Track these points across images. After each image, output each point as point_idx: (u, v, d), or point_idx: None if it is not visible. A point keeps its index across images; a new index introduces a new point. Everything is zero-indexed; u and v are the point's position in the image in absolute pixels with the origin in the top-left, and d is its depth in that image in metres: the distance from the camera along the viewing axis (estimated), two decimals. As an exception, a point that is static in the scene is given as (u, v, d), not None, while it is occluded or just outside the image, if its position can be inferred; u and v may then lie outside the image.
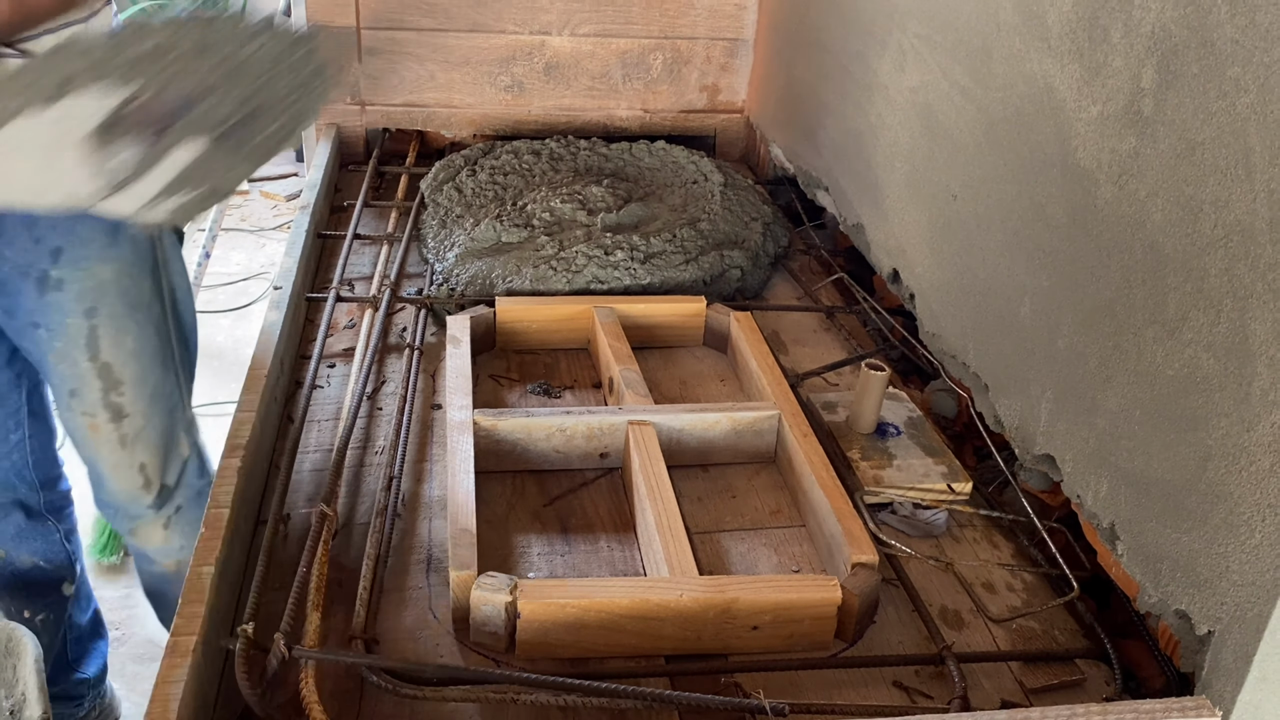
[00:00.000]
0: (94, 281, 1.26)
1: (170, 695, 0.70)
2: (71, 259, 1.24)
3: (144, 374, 1.34)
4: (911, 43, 1.22)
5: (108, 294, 1.27)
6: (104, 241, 1.25)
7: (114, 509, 1.44)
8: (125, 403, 1.33)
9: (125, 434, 1.35)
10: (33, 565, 1.51)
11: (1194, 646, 0.78)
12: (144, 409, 1.35)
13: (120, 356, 1.31)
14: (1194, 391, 0.77)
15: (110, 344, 1.29)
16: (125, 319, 1.30)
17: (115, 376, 1.31)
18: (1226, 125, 0.73)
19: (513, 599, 0.82)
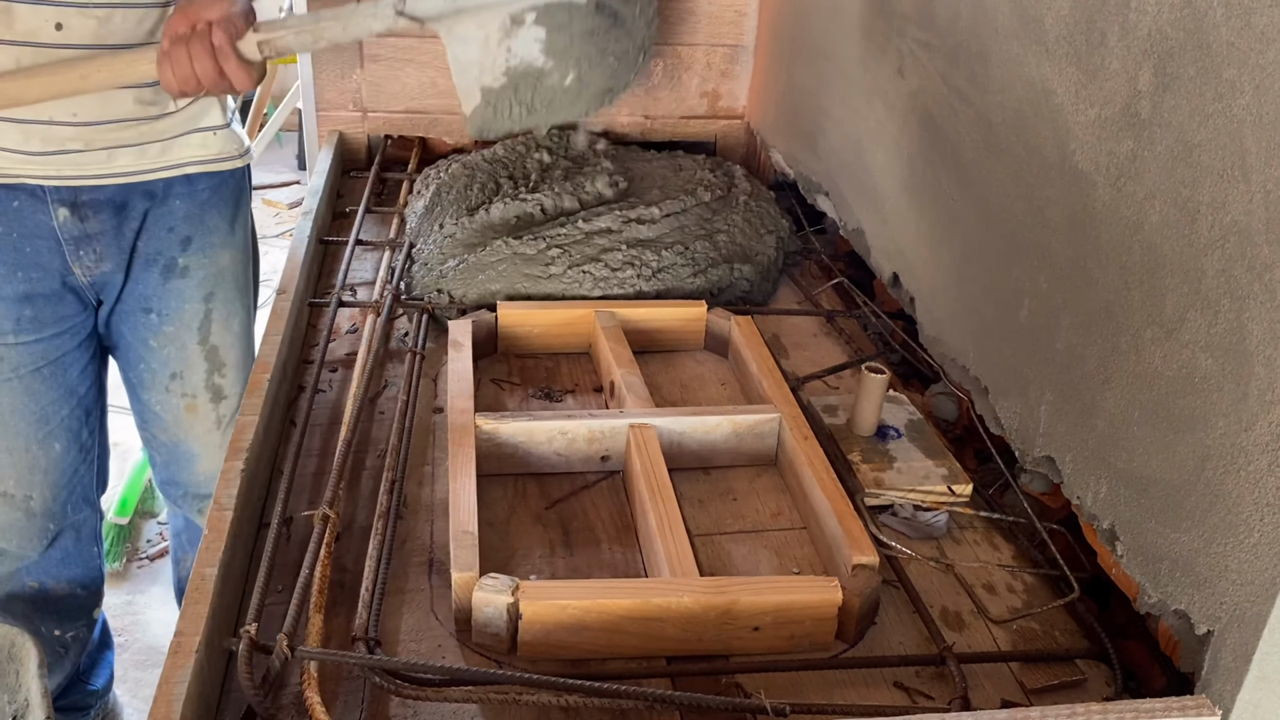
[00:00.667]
0: (215, 268, 1.34)
1: (174, 696, 0.70)
2: (199, 246, 1.31)
3: (243, 357, 1.41)
4: (910, 47, 1.23)
5: (225, 279, 1.35)
6: (226, 229, 1.33)
7: (188, 490, 1.46)
8: (226, 384, 1.39)
9: (222, 415, 1.40)
10: (69, 592, 1.47)
11: (1194, 646, 0.78)
12: (239, 390, 1.40)
13: (227, 339, 1.37)
14: (1192, 392, 0.77)
15: (220, 327, 1.36)
16: (235, 303, 1.37)
17: (220, 358, 1.37)
18: (1223, 127, 0.74)
19: (514, 600, 0.82)
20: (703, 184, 1.54)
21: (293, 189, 4.24)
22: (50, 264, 1.26)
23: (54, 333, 1.29)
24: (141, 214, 1.29)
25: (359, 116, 1.84)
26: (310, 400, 1.13)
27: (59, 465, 1.35)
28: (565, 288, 1.34)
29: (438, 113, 1.85)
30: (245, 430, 0.98)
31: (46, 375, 1.30)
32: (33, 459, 1.32)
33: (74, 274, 1.27)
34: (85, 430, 1.38)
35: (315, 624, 0.83)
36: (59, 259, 1.26)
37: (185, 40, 1.02)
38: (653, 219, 1.43)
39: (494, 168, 1.61)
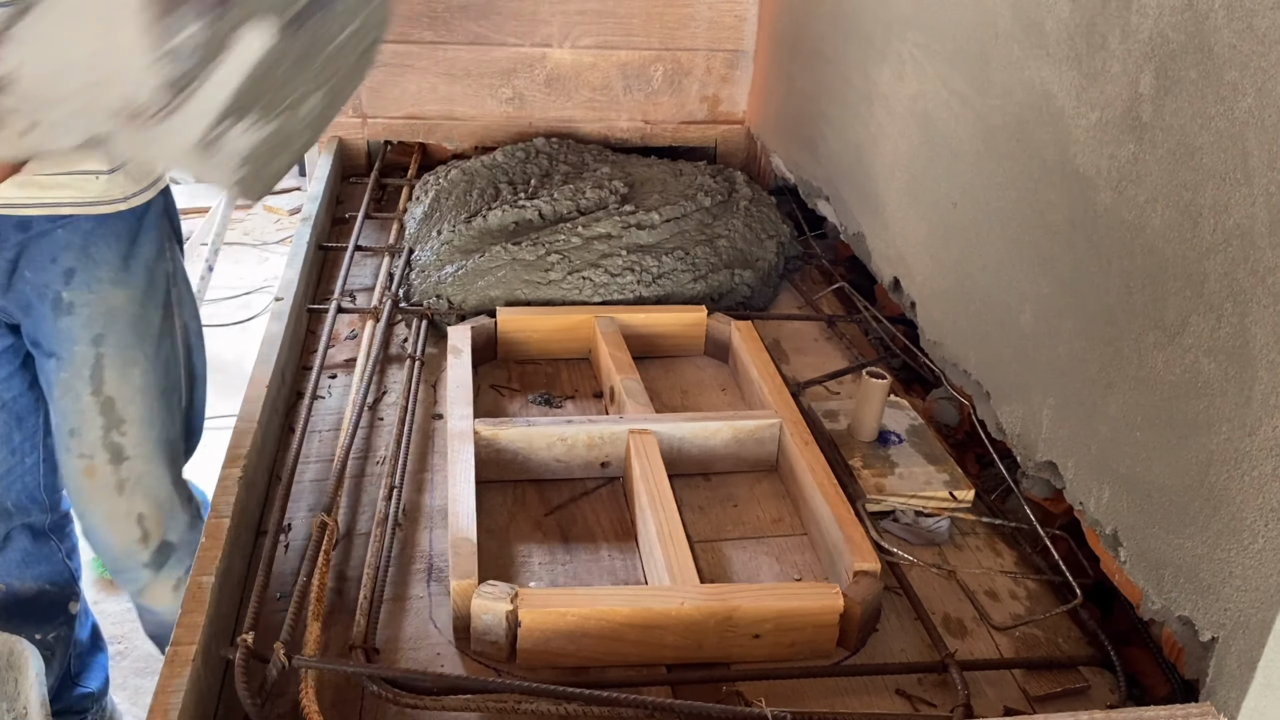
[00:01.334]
0: (104, 307, 1.22)
1: (170, 705, 0.70)
2: (83, 281, 1.21)
3: (149, 414, 1.27)
4: (910, 52, 1.23)
5: (117, 321, 1.23)
6: (117, 265, 1.22)
7: (115, 570, 1.36)
8: (127, 444, 1.26)
9: (124, 479, 1.27)
10: (38, 590, 1.47)
11: (1198, 653, 0.77)
12: (147, 453, 1.27)
13: (125, 391, 1.25)
14: (1195, 397, 0.77)
15: (115, 376, 1.24)
16: (133, 350, 1.25)
17: (118, 413, 1.25)
18: (1225, 130, 0.73)
19: (513, 608, 0.82)
20: (703, 189, 1.54)
21: (293, 195, 4.25)
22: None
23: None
24: (17, 244, 1.21)
25: (359, 122, 1.84)
26: (309, 406, 1.13)
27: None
28: (565, 293, 1.33)
29: (438, 119, 1.85)
30: (242, 437, 0.98)
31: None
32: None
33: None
34: (18, 435, 1.36)
35: (313, 632, 0.82)
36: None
37: None
38: (653, 224, 1.43)
39: (493, 173, 1.61)
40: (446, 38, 1.78)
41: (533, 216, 1.46)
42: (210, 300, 3.28)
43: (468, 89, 1.83)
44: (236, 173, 0.85)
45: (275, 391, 1.09)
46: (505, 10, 1.77)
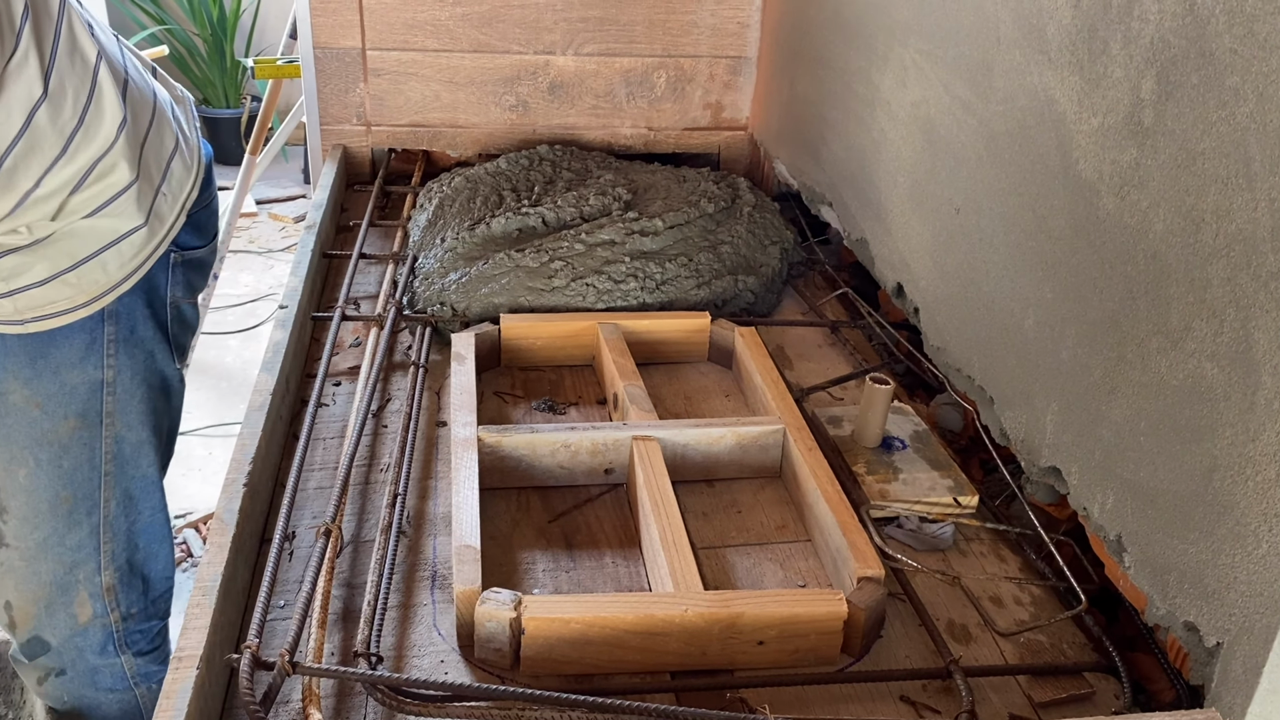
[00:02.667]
0: (2, 398, 1.15)
1: (174, 712, 0.70)
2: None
3: (34, 516, 1.20)
4: (913, 58, 1.23)
5: (9, 416, 1.16)
6: (23, 360, 1.14)
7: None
8: (7, 531, 1.21)
9: (1, 562, 1.22)
10: None
11: (1203, 658, 0.77)
12: (27, 551, 1.21)
13: (9, 485, 1.19)
14: (1198, 402, 0.76)
15: (1, 468, 1.18)
16: (21, 450, 1.17)
17: (2, 501, 1.19)
18: (1227, 135, 0.73)
19: (517, 615, 0.82)
20: (706, 195, 1.54)
21: (298, 203, 4.26)
22: None
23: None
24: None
25: (363, 130, 1.84)
26: (313, 414, 1.13)
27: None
28: (568, 300, 1.34)
29: (441, 126, 1.86)
30: (247, 445, 0.98)
31: None
32: None
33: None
34: None
35: (317, 639, 0.82)
36: None
37: None
38: (656, 231, 1.43)
39: (497, 181, 1.61)
40: (450, 45, 1.79)
41: (536, 224, 1.46)
42: (215, 307, 3.29)
43: (471, 96, 1.84)
44: None
45: (279, 399, 1.09)
46: (508, 18, 1.78)
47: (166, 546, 1.33)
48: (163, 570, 1.33)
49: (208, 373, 3.01)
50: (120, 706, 1.34)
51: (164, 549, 1.32)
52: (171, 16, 4.43)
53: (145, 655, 1.34)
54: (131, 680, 1.33)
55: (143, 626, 1.32)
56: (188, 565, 2.29)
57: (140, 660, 1.33)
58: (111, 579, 1.26)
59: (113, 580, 1.26)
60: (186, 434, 2.70)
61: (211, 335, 3.17)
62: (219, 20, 4.37)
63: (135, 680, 1.33)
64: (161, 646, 1.37)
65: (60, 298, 1.13)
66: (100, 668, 1.30)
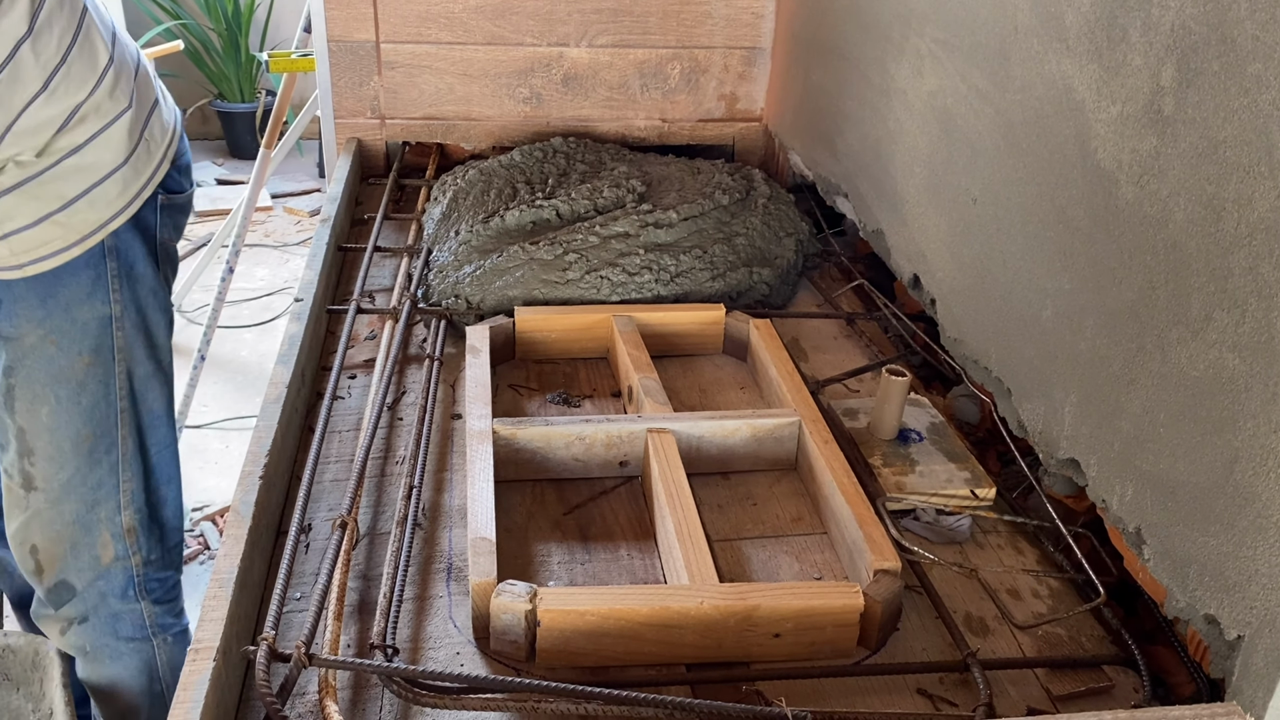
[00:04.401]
0: (17, 340, 1.20)
1: (192, 702, 0.70)
2: (5, 313, 1.20)
3: (59, 455, 1.24)
4: (929, 47, 1.22)
5: (30, 359, 1.20)
6: (34, 302, 1.19)
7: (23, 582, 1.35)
8: (35, 475, 1.25)
9: (30, 507, 1.26)
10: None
11: (1224, 652, 0.76)
12: (54, 491, 1.25)
13: (33, 425, 1.23)
14: (1220, 393, 0.76)
15: (25, 409, 1.22)
16: (43, 389, 1.21)
17: (28, 443, 1.23)
18: (1249, 122, 0.72)
19: (533, 607, 0.82)
20: (721, 187, 1.53)
21: (313, 197, 4.27)
22: None
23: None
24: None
25: (377, 124, 1.84)
26: (329, 407, 1.13)
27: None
28: (582, 293, 1.33)
29: (455, 119, 1.86)
30: (263, 437, 0.98)
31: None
32: None
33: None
34: None
35: (333, 631, 0.83)
36: None
37: None
38: (670, 223, 1.43)
39: (511, 173, 1.61)
40: (463, 38, 1.78)
41: (550, 216, 1.46)
42: (231, 301, 3.30)
43: (485, 89, 1.83)
44: None
45: (295, 392, 1.09)
46: (522, 10, 1.78)
47: (175, 489, 1.37)
48: (174, 515, 1.38)
49: (224, 366, 3.02)
50: (139, 657, 1.38)
51: (174, 492, 1.37)
52: (186, 11, 4.44)
53: (162, 605, 1.38)
54: (150, 629, 1.37)
55: (160, 575, 1.36)
56: (204, 558, 2.30)
57: (158, 609, 1.37)
58: (131, 520, 1.31)
59: (132, 521, 1.31)
60: (202, 427, 2.71)
61: (227, 329, 3.18)
62: (234, 15, 4.38)
63: (153, 630, 1.37)
64: (176, 600, 1.41)
65: (53, 238, 1.17)
66: (121, 613, 1.34)
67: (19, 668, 1.39)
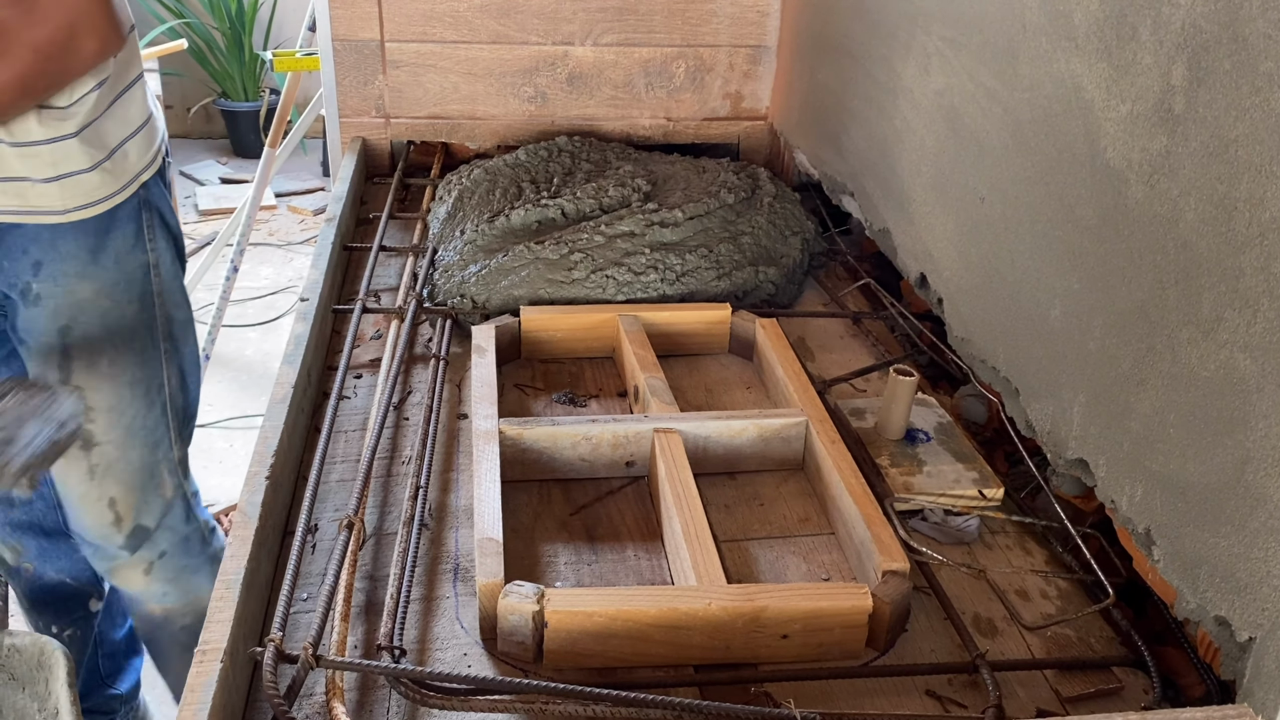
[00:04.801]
0: (71, 299, 1.22)
1: (198, 705, 0.70)
2: (51, 274, 1.22)
3: (119, 403, 1.28)
4: (936, 45, 1.21)
5: (85, 314, 1.23)
6: (85, 259, 1.22)
7: (89, 547, 1.38)
8: (96, 430, 1.27)
9: (95, 464, 1.29)
10: (59, 581, 1.51)
11: (1234, 653, 0.76)
12: (118, 439, 1.28)
13: (93, 380, 1.25)
14: (1231, 393, 0.75)
15: (84, 366, 1.24)
16: (100, 342, 1.24)
17: (86, 402, 1.24)
18: (1260, 121, 0.72)
19: (540, 608, 0.81)
20: (726, 186, 1.53)
21: (317, 196, 4.27)
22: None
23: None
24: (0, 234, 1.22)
25: (382, 123, 1.84)
26: (334, 407, 1.13)
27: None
28: (588, 292, 1.33)
29: (460, 118, 1.85)
30: (269, 437, 0.98)
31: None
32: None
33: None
34: None
35: (340, 632, 0.82)
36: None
37: None
38: (676, 222, 1.42)
39: (516, 172, 1.61)
40: (468, 37, 1.78)
41: (555, 215, 1.46)
42: (236, 300, 3.30)
43: (490, 88, 1.83)
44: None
45: (301, 392, 1.09)
46: (526, 9, 1.77)
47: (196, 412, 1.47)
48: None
49: (228, 365, 3.02)
50: (209, 560, 1.45)
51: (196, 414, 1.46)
52: (190, 10, 4.44)
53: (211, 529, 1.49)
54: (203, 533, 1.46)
55: (199, 505, 1.47)
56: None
57: (200, 510, 1.47)
58: (180, 452, 1.40)
59: (181, 453, 1.40)
60: (207, 426, 2.71)
61: (231, 328, 3.18)
62: (237, 14, 4.38)
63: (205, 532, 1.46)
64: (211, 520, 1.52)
65: (100, 185, 1.23)
66: (188, 535, 1.42)
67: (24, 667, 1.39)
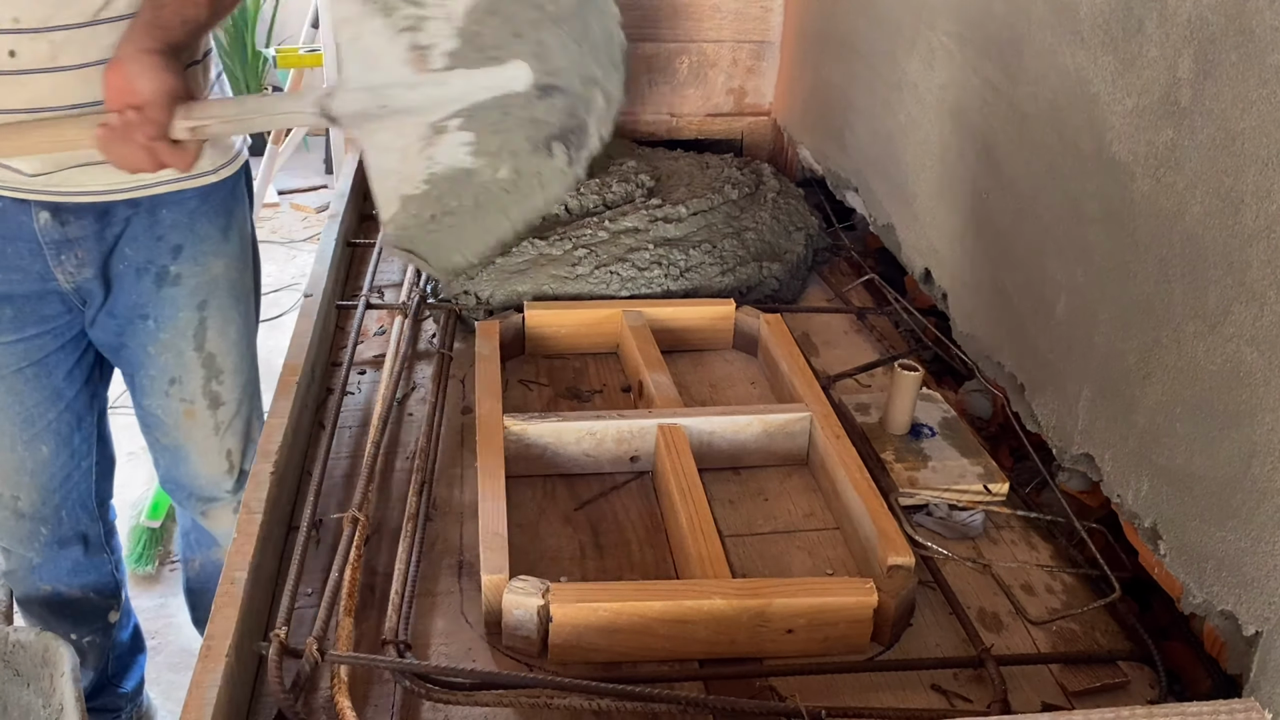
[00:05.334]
0: (208, 276, 1.32)
1: (204, 700, 0.70)
2: (191, 255, 1.30)
3: (241, 363, 1.40)
4: (941, 40, 1.21)
5: (219, 287, 1.33)
6: (218, 238, 1.32)
7: (191, 492, 1.47)
8: (223, 391, 1.39)
9: (220, 421, 1.40)
10: (82, 597, 1.50)
11: (1241, 648, 0.76)
12: (238, 396, 1.40)
13: (224, 346, 1.36)
14: (1237, 386, 0.75)
15: (216, 335, 1.35)
16: (231, 310, 1.36)
17: (218, 365, 1.36)
18: (1267, 114, 0.72)
19: (545, 603, 0.81)
20: (730, 181, 1.53)
21: (320, 193, 4.27)
22: (31, 267, 1.24)
23: (36, 333, 1.29)
24: (124, 220, 1.26)
25: (385, 119, 1.83)
26: (339, 403, 1.13)
27: (47, 468, 1.37)
28: (592, 288, 1.33)
29: (463, 114, 1.85)
30: (274, 433, 0.98)
31: (30, 376, 1.31)
32: (19, 459, 1.34)
33: (55, 278, 1.26)
34: (77, 436, 1.38)
35: (345, 627, 0.82)
36: (40, 262, 1.24)
37: (118, 133, 1.00)
38: (680, 218, 1.42)
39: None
40: (472, 33, 1.78)
41: (558, 211, 1.45)
42: (239, 298, 3.29)
43: (493, 84, 1.82)
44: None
45: (305, 388, 1.09)
46: (530, 4, 1.77)
47: None
48: None
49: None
50: None
51: None
52: (193, 8, 4.44)
53: None
54: None
55: None
56: (214, 554, 2.30)
57: None
58: (260, 400, 1.48)
59: (261, 402, 1.48)
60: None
61: (235, 325, 3.18)
62: (240, 12, 4.38)
63: None
64: None
65: (231, 142, 1.32)
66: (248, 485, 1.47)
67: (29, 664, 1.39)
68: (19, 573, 1.45)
